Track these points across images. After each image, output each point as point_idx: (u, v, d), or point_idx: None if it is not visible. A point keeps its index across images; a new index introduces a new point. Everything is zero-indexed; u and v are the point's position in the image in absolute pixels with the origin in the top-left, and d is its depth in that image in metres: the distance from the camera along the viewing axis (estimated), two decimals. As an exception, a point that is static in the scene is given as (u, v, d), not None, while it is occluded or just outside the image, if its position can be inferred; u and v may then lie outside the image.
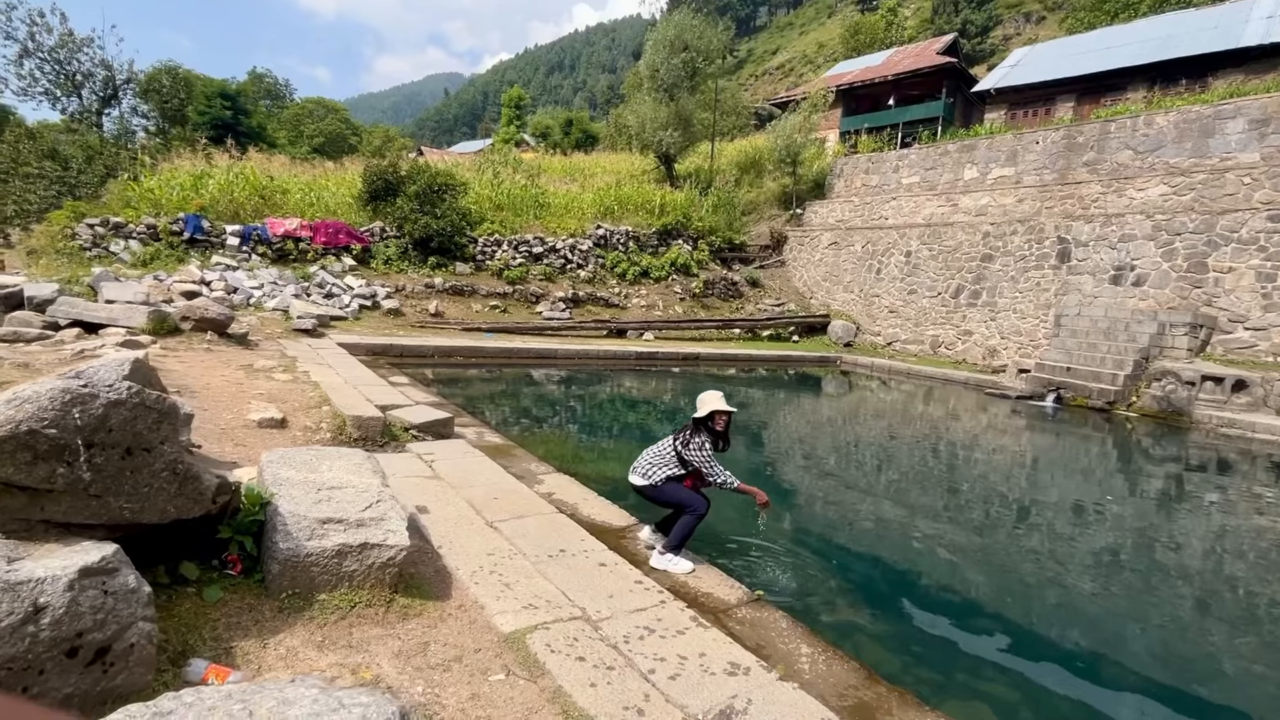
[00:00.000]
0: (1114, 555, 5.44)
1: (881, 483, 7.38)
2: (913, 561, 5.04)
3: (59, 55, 22.39)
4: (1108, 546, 5.64)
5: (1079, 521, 6.30)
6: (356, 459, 3.03)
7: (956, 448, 9.61)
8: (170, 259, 12.80)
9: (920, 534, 5.61)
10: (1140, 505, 7.07)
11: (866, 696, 2.75)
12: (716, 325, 20.01)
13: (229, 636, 2.04)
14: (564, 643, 2.43)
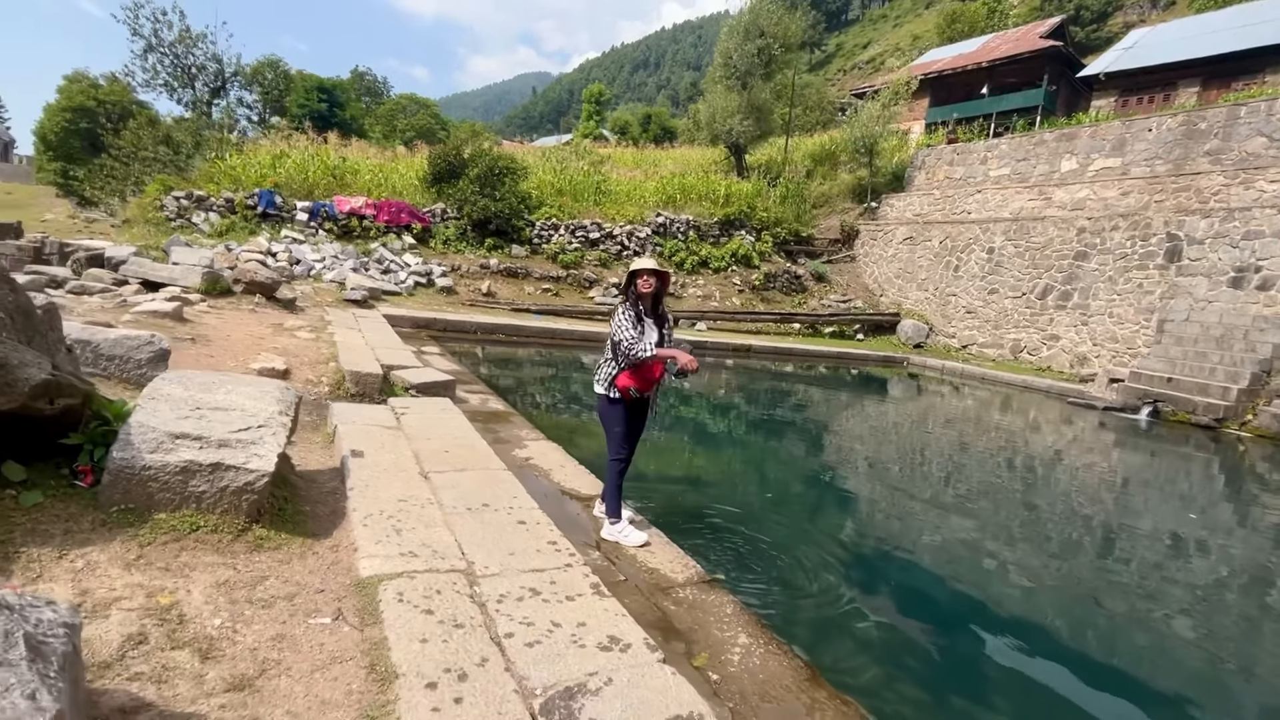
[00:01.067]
0: (1219, 597, 4.51)
1: (948, 495, 6.54)
2: (974, 583, 4.36)
3: (177, 50, 24.52)
4: (1212, 586, 4.68)
5: (1177, 554, 5.31)
6: (268, 387, 2.85)
7: (1035, 461, 8.53)
8: (243, 231, 13.58)
9: (987, 555, 4.89)
10: (1254, 540, 5.92)
11: (796, 701, 2.27)
12: (775, 319, 19.20)
13: (23, 542, 1.87)
14: (420, 594, 2.12)
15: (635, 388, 3.39)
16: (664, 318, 3.59)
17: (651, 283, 3.42)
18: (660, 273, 3.49)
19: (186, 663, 1.60)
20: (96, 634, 1.61)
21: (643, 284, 3.40)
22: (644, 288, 3.40)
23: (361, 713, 1.57)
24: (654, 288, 3.44)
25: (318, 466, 3.34)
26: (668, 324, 3.61)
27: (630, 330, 3.35)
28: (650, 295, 3.43)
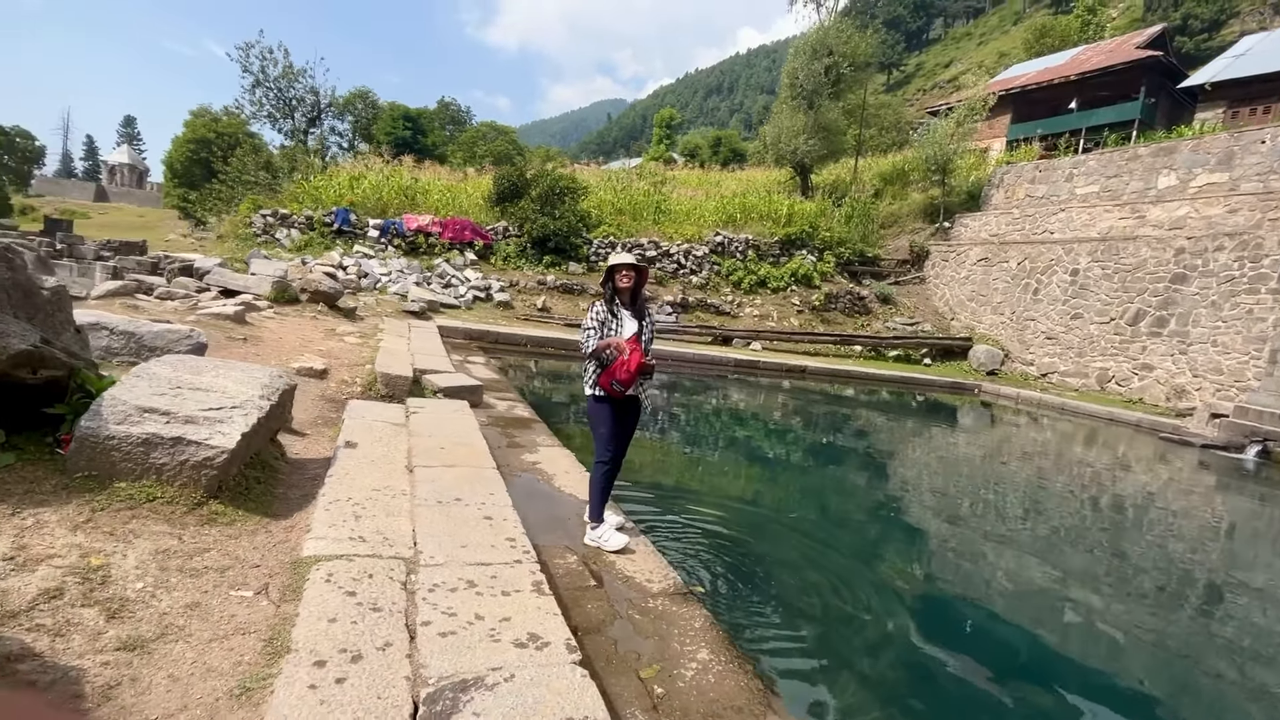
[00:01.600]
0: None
1: (1024, 536, 5.94)
2: (1051, 638, 3.91)
3: (280, 84, 26.90)
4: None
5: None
6: (257, 374, 2.97)
7: (1125, 503, 7.68)
8: (319, 246, 14.55)
9: (1068, 606, 4.39)
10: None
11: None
12: (834, 340, 18.58)
13: (-25, 498, 2.00)
14: (351, 577, 2.09)
15: (617, 380, 3.35)
16: (643, 310, 3.57)
17: (630, 277, 3.44)
18: (639, 268, 3.50)
19: (91, 620, 1.65)
20: (16, 586, 1.69)
21: (621, 279, 3.42)
22: (623, 283, 3.42)
23: (239, 683, 1.55)
24: (632, 282, 3.46)
25: (313, 456, 3.45)
26: (648, 316, 3.59)
27: (586, 328, 3.41)
28: (628, 290, 3.45)
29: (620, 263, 3.42)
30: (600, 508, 3.42)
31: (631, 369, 3.30)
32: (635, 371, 3.33)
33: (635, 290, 3.51)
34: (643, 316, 3.54)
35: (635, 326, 3.44)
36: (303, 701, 1.49)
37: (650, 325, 3.57)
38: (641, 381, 3.56)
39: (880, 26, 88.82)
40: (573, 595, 2.83)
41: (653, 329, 3.62)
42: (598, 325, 3.40)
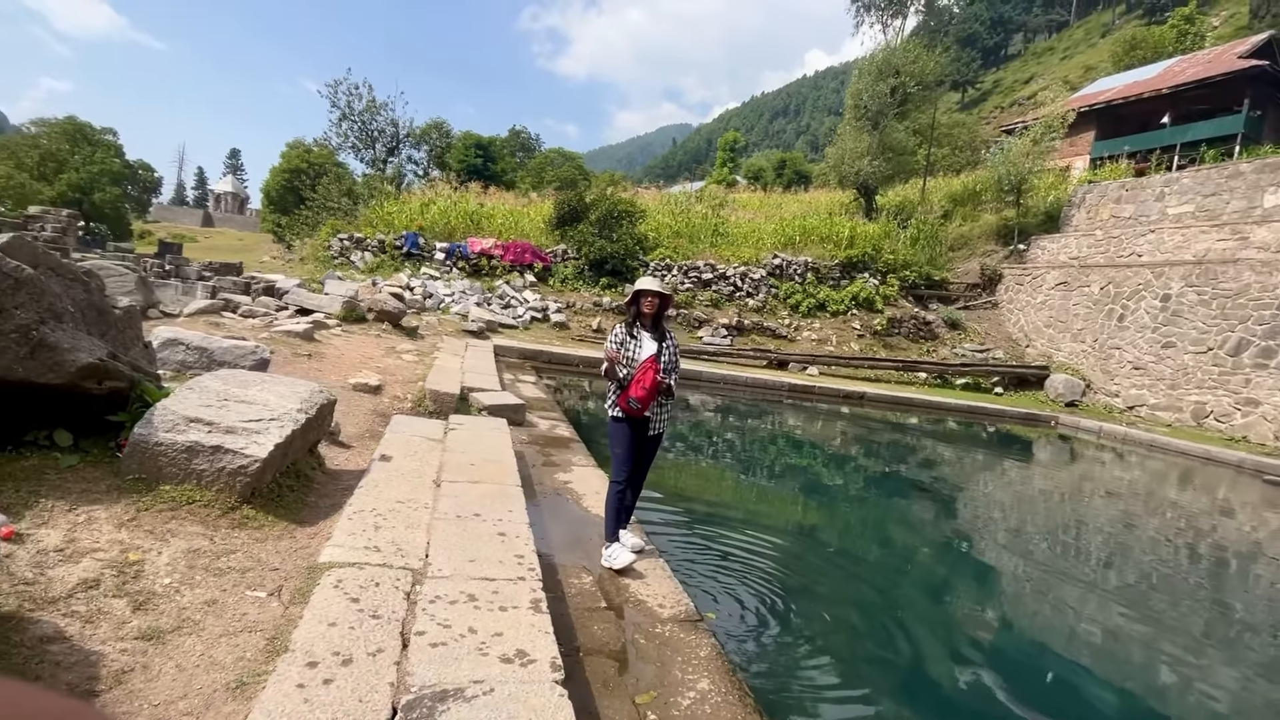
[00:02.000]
0: None
1: (1110, 584, 5.43)
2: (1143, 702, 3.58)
3: (364, 117, 28.87)
4: None
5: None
6: (299, 388, 3.19)
7: (1226, 552, 6.97)
8: (389, 268, 15.41)
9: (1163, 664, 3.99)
10: None
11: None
12: (896, 366, 17.91)
13: (41, 491, 2.24)
14: (358, 584, 2.20)
15: (633, 398, 3.43)
16: (665, 333, 3.67)
17: (654, 303, 3.56)
18: (663, 295, 3.62)
19: (119, 610, 1.82)
20: (60, 575, 1.89)
21: (646, 305, 3.53)
22: (646, 308, 3.54)
23: (237, 677, 1.67)
24: (655, 308, 3.57)
25: (351, 467, 3.65)
26: (669, 339, 3.66)
27: (617, 349, 3.51)
28: (651, 315, 3.56)
29: (646, 289, 3.54)
30: (614, 527, 3.45)
31: (647, 386, 3.37)
32: (651, 390, 3.39)
33: (658, 315, 3.61)
34: (663, 339, 3.61)
35: (654, 348, 3.51)
36: (288, 699, 1.59)
37: (671, 347, 3.63)
38: (663, 403, 3.60)
39: (952, 44, 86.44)
40: (581, 615, 2.85)
41: (674, 351, 3.66)
42: (616, 346, 3.50)
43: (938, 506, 7.57)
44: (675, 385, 3.67)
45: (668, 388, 3.52)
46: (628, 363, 3.50)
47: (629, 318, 3.61)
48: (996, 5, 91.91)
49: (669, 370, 3.57)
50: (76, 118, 48.61)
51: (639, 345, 3.52)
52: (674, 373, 3.65)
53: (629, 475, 3.56)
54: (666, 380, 3.51)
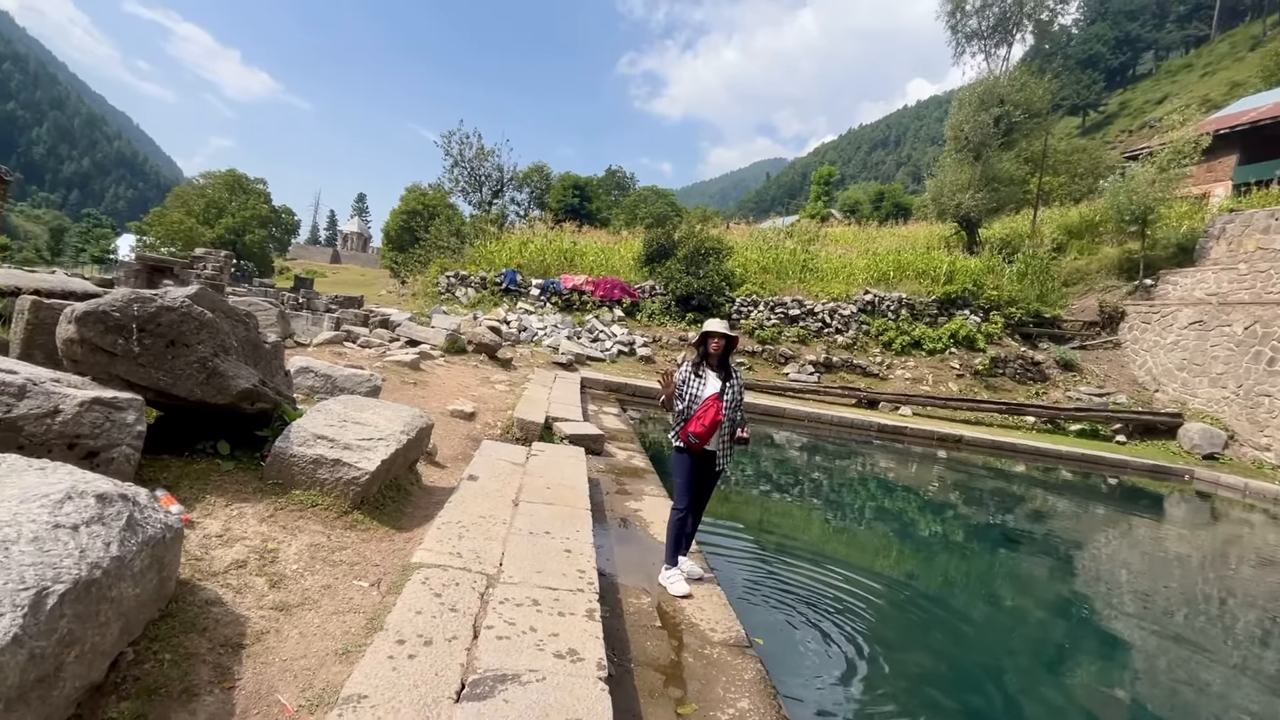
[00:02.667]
0: None
1: (1269, 669, 4.74)
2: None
3: (473, 164, 31.45)
4: None
5: None
6: (404, 413, 3.69)
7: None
8: (489, 303, 16.58)
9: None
10: None
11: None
12: (1000, 409, 16.83)
13: (208, 489, 2.78)
14: (441, 583, 2.56)
15: (693, 432, 3.64)
16: (730, 372, 3.88)
17: (720, 345, 3.78)
18: (729, 337, 3.84)
19: (260, 586, 2.27)
20: (218, 554, 2.38)
21: (713, 345, 3.76)
22: (713, 349, 3.76)
23: (343, 646, 2.05)
24: (721, 349, 3.80)
25: (443, 485, 4.12)
26: (733, 378, 3.87)
27: (685, 388, 3.76)
28: (717, 355, 3.79)
29: (713, 330, 3.77)
30: (673, 552, 3.67)
31: (706, 423, 3.58)
32: (710, 426, 3.59)
33: (724, 355, 3.84)
34: (728, 378, 3.82)
35: (718, 386, 3.72)
36: (380, 667, 1.95)
37: (735, 386, 3.84)
38: (730, 448, 3.81)
39: (1068, 68, 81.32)
40: (636, 631, 3.08)
41: (738, 389, 3.86)
42: (680, 382, 3.77)
43: (1049, 563, 6.93)
44: (746, 435, 3.86)
45: (742, 440, 3.77)
46: (690, 399, 3.72)
47: (696, 357, 3.84)
48: (1121, 24, 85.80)
49: (734, 408, 3.75)
50: (236, 170, 56.09)
51: (703, 383, 3.73)
52: (739, 411, 3.82)
53: (689, 504, 3.74)
54: (741, 434, 3.76)
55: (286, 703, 1.79)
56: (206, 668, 1.79)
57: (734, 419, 3.78)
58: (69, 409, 2.25)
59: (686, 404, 3.72)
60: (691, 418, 3.65)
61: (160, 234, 45.78)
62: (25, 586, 1.23)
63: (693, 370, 3.81)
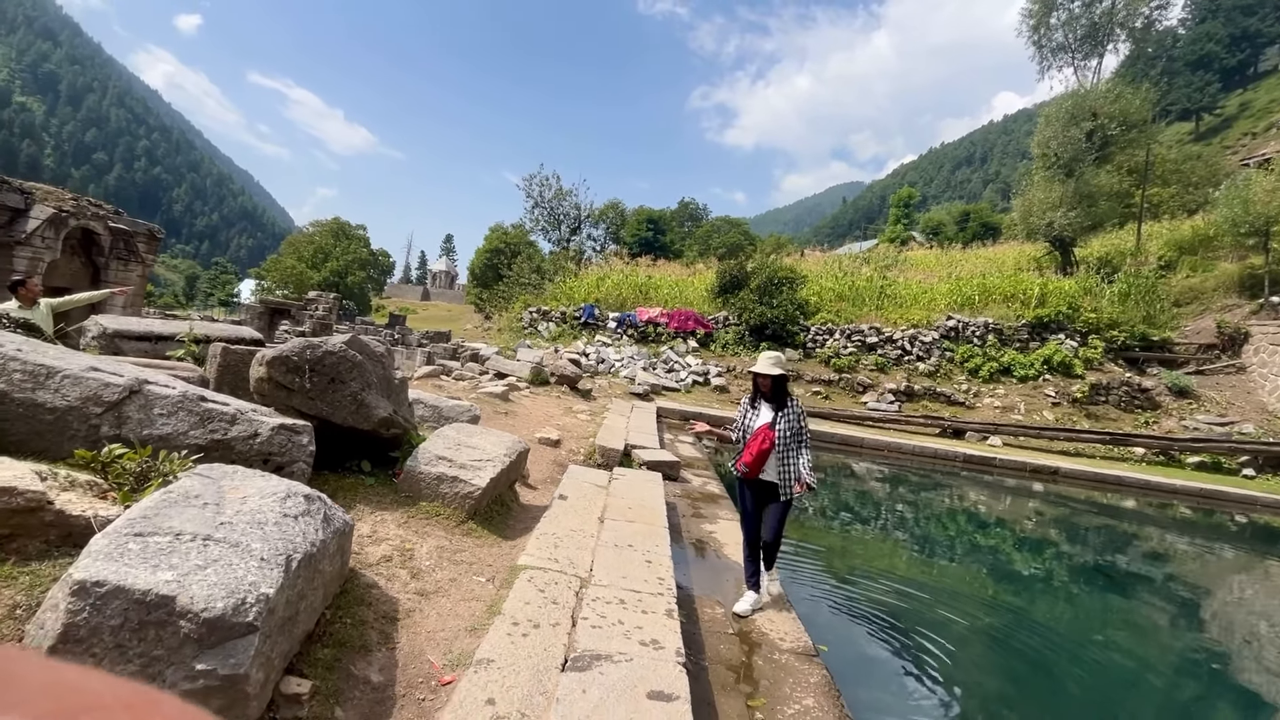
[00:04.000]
0: None
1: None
2: None
3: (552, 204, 33.22)
4: None
5: None
6: (505, 440, 4.23)
7: None
8: (569, 336, 17.45)
9: None
10: None
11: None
12: (1103, 439, 15.81)
13: (357, 499, 3.37)
14: (544, 582, 3.01)
15: (744, 462, 3.87)
16: (786, 401, 3.99)
17: (768, 383, 3.97)
18: (777, 377, 3.97)
19: (403, 576, 2.80)
20: (370, 550, 2.94)
21: (762, 383, 4.00)
22: (763, 386, 3.99)
23: (471, 624, 2.52)
24: (769, 387, 3.97)
25: (537, 503, 4.62)
26: (788, 408, 3.95)
27: (743, 419, 4.02)
28: (766, 390, 3.99)
29: (759, 371, 3.97)
30: (749, 576, 3.93)
31: (754, 453, 3.80)
32: (759, 454, 3.79)
33: (775, 389, 3.98)
34: (782, 407, 3.95)
35: (770, 416, 3.90)
36: (501, 642, 2.40)
37: (791, 414, 3.94)
38: (793, 475, 3.82)
39: (1182, 69, 75.64)
40: (710, 636, 3.41)
41: (795, 417, 3.95)
42: (740, 415, 4.07)
43: (1179, 610, 6.32)
44: (812, 482, 3.81)
45: (808, 487, 3.78)
46: (743, 430, 3.95)
47: (753, 391, 4.09)
48: (1236, 20, 79.33)
49: (791, 436, 3.83)
50: (340, 218, 61.47)
51: (756, 414, 3.97)
52: (801, 440, 3.86)
53: (750, 532, 3.96)
54: (807, 478, 3.76)
55: (434, 661, 2.27)
56: (374, 632, 2.31)
57: (791, 446, 3.84)
58: (265, 432, 2.91)
59: (740, 434, 3.96)
60: (744, 448, 3.89)
61: (275, 278, 50.79)
62: (280, 553, 1.77)
63: (749, 403, 4.07)
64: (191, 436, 2.77)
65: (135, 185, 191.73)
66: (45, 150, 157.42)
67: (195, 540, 1.66)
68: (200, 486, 2.00)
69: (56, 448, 2.54)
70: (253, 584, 1.59)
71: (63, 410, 2.55)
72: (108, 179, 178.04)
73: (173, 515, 1.74)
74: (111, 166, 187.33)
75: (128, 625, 1.38)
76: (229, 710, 1.44)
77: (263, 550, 1.75)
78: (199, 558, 1.59)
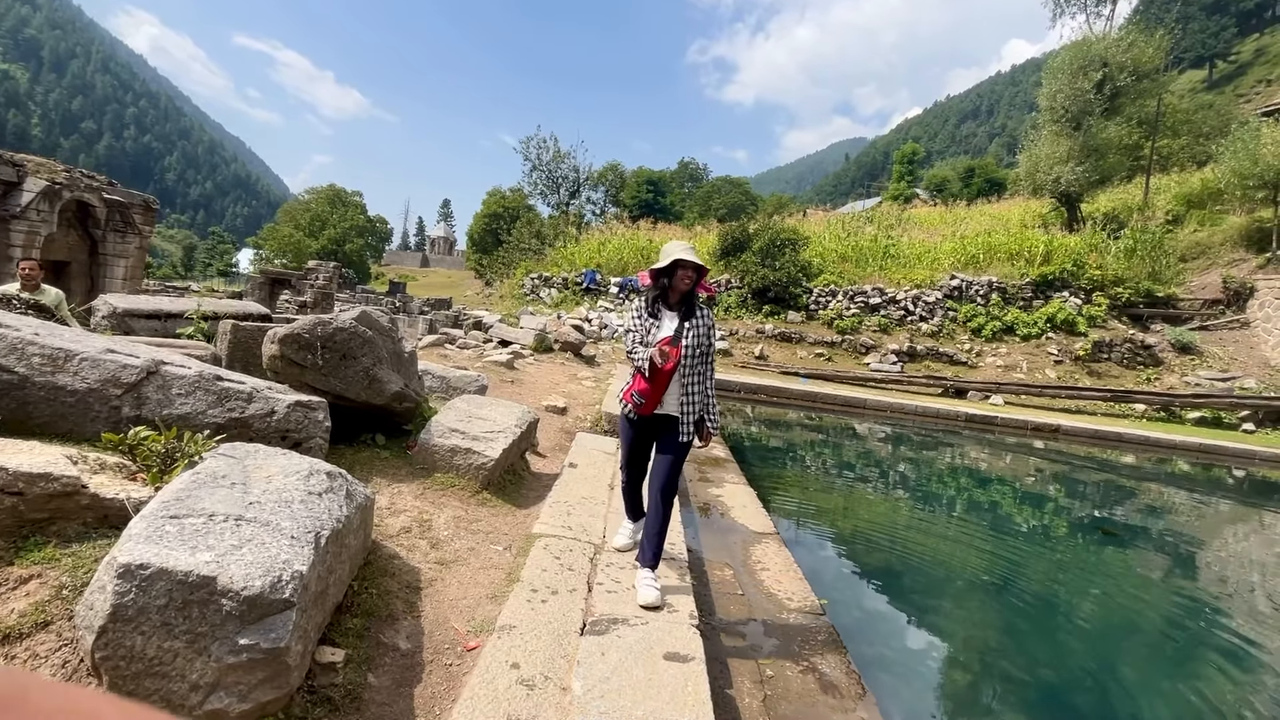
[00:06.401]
0: None
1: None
2: None
3: (550, 167, 32.69)
4: None
5: None
6: (515, 410, 4.29)
7: None
8: (572, 302, 17.42)
9: None
10: None
11: (826, 705, 2.62)
12: (1104, 396, 15.91)
13: (373, 472, 3.45)
14: (559, 549, 3.10)
15: (637, 391, 2.89)
16: (692, 310, 2.94)
17: (689, 278, 2.89)
18: (700, 268, 2.91)
19: (423, 546, 2.89)
20: (390, 522, 3.02)
21: (684, 279, 2.87)
22: (683, 284, 2.88)
23: (491, 592, 2.62)
24: (692, 284, 2.91)
25: (547, 471, 4.71)
26: (697, 316, 2.93)
27: (627, 330, 2.99)
28: (683, 291, 2.92)
29: (683, 259, 2.84)
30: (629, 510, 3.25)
31: (651, 377, 2.79)
32: (655, 382, 2.80)
33: (690, 291, 2.95)
34: (690, 316, 2.90)
35: (674, 325, 2.88)
36: (521, 608, 2.50)
37: (702, 326, 2.90)
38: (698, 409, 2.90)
39: (1197, 12, 73.10)
40: (720, 598, 3.53)
41: (707, 331, 2.93)
42: (638, 328, 2.94)
43: (1177, 563, 6.32)
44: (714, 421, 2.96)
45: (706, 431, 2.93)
46: (641, 347, 2.89)
47: (655, 290, 2.94)
48: (1255, -41, 76.38)
49: (698, 357, 2.87)
50: (335, 185, 60.62)
51: (656, 326, 2.90)
52: (709, 365, 2.93)
53: (630, 478, 3.16)
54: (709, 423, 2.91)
55: (459, 628, 2.37)
56: (399, 601, 2.40)
57: (697, 368, 2.88)
58: (281, 410, 2.96)
59: (637, 355, 2.89)
60: (637, 374, 2.88)
61: (273, 247, 50.43)
62: (309, 531, 1.83)
63: (645, 308, 2.96)
64: (210, 415, 2.82)
65: (126, 155, 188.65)
66: (32, 120, 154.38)
67: (228, 521, 1.72)
68: (226, 467, 2.05)
69: (80, 429, 2.59)
70: (286, 562, 1.65)
71: (83, 393, 2.59)
72: (97, 148, 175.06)
73: (204, 497, 1.80)
74: (100, 135, 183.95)
75: (173, 604, 1.45)
76: (272, 681, 1.52)
77: (292, 529, 1.81)
78: (233, 538, 1.65)
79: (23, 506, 1.75)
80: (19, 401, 2.52)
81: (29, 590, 1.61)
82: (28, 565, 1.68)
